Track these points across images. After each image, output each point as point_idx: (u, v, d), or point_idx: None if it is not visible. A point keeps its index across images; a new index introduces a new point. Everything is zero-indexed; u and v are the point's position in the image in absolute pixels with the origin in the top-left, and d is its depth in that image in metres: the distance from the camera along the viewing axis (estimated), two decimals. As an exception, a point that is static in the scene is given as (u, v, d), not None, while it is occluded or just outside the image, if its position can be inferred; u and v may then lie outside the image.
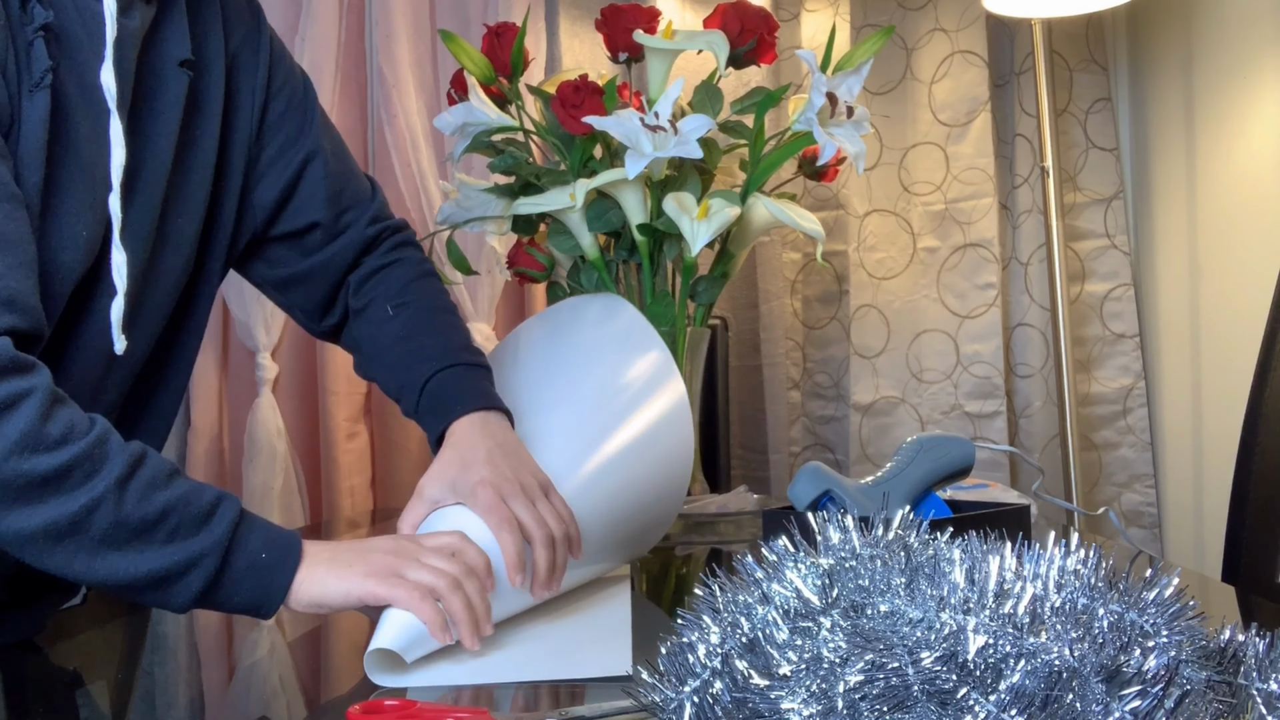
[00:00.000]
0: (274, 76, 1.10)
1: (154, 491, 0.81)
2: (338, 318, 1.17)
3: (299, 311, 1.18)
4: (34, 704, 0.87)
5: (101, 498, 0.79)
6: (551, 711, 0.72)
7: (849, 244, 2.35)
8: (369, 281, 1.15)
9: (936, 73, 2.32)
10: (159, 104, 0.97)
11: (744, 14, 1.56)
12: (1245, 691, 0.54)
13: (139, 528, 0.80)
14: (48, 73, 0.86)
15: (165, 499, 0.81)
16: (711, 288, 1.58)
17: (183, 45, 0.99)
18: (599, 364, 1.19)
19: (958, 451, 1.21)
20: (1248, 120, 2.03)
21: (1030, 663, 0.49)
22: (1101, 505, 2.25)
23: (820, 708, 0.51)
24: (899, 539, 0.61)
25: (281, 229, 1.12)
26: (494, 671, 0.87)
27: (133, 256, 0.94)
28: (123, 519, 0.80)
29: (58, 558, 0.80)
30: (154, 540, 0.81)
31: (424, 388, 1.07)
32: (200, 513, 0.83)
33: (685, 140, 1.44)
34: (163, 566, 0.81)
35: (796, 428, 2.47)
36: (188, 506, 0.82)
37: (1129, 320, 2.29)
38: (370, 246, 1.17)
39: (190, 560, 0.82)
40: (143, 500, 0.80)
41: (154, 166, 0.96)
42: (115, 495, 0.79)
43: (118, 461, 0.80)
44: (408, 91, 2.07)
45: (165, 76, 0.98)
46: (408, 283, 1.15)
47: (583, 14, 2.28)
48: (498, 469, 0.98)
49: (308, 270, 1.14)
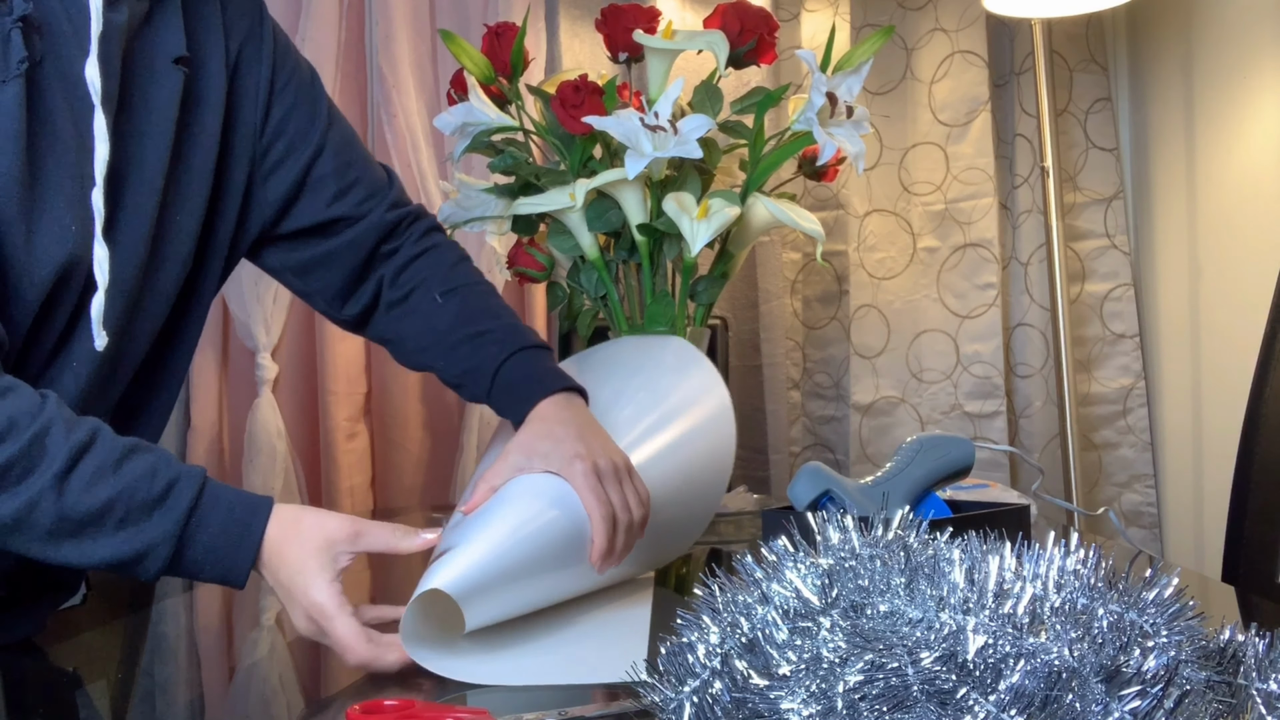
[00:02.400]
0: (278, 74, 1.10)
1: (98, 482, 0.81)
2: (361, 306, 1.16)
3: (319, 299, 1.17)
4: (34, 704, 0.87)
5: (39, 495, 0.79)
6: (551, 711, 0.72)
7: (849, 244, 2.35)
8: (406, 270, 1.15)
9: (936, 73, 2.32)
10: (152, 100, 0.97)
11: (744, 14, 1.56)
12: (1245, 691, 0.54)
13: (84, 520, 0.80)
14: (23, 63, 0.86)
15: (111, 490, 0.81)
16: (711, 288, 1.58)
17: (177, 42, 0.99)
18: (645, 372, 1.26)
19: (958, 451, 1.21)
20: (1248, 120, 2.03)
21: (1030, 663, 0.49)
22: (1101, 505, 2.25)
23: (820, 708, 0.51)
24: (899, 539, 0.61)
25: (291, 225, 1.11)
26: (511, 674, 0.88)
27: (130, 254, 0.94)
28: (65, 513, 0.80)
29: (14, 547, 0.82)
30: (103, 530, 0.81)
31: (496, 374, 1.07)
32: (150, 499, 0.82)
33: (685, 140, 1.44)
34: (115, 555, 0.82)
35: (796, 428, 2.47)
36: (134, 495, 0.81)
37: (1129, 320, 2.29)
38: (391, 232, 1.16)
39: (143, 548, 0.82)
40: (85, 493, 0.80)
41: (148, 163, 0.96)
42: (54, 491, 0.79)
43: (58, 456, 0.80)
44: (408, 91, 2.07)
45: (158, 73, 0.97)
46: (449, 268, 1.15)
47: (583, 14, 2.28)
48: (590, 446, 1.00)
49: (326, 255, 1.13)
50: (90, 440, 0.82)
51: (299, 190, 1.10)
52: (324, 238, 1.13)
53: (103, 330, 0.91)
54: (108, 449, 0.82)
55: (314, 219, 1.11)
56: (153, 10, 0.98)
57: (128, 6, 0.94)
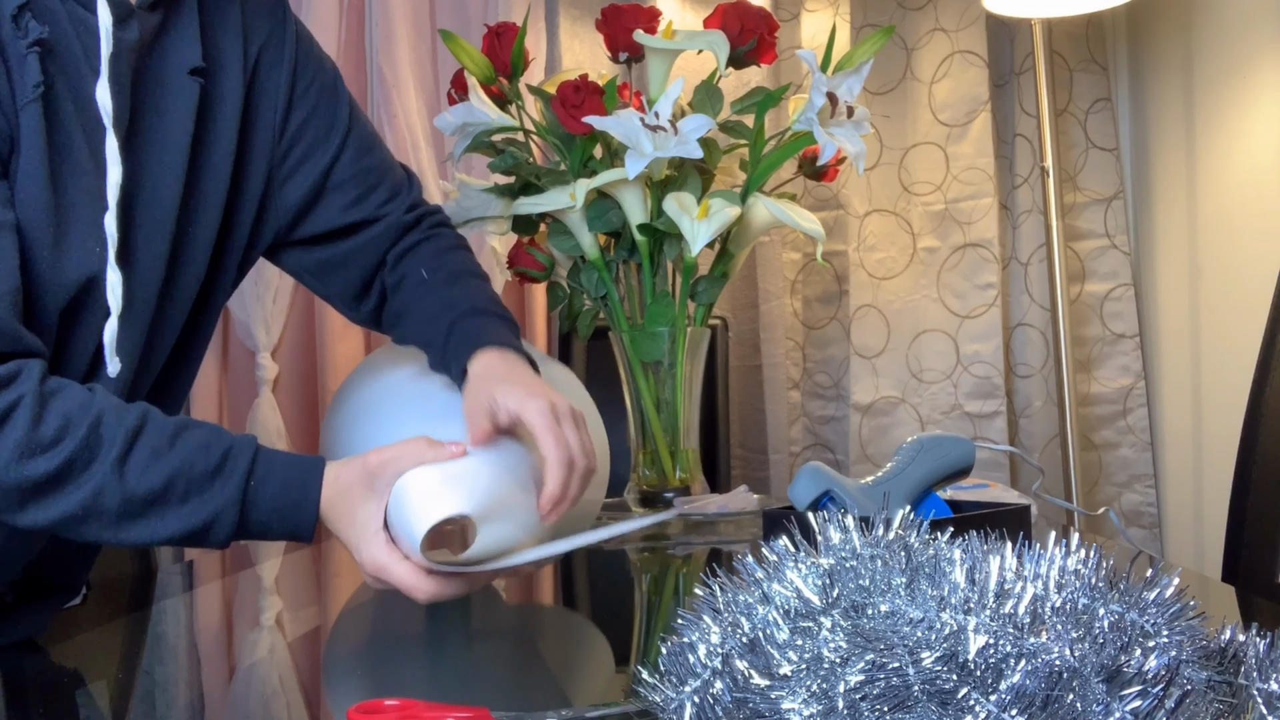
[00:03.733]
0: (299, 78, 1.08)
1: (157, 460, 0.83)
2: (375, 301, 1.16)
3: (337, 300, 1.18)
4: (34, 704, 0.87)
5: (104, 482, 0.82)
6: (551, 711, 0.72)
7: (849, 244, 2.35)
8: (405, 257, 1.15)
9: (936, 73, 2.32)
10: (168, 114, 0.95)
11: (744, 14, 1.56)
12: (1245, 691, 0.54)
13: (149, 498, 0.83)
14: (38, 86, 0.85)
15: (170, 466, 0.84)
16: (711, 288, 1.58)
17: (193, 52, 0.97)
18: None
19: (958, 451, 1.20)
20: (1248, 120, 2.03)
21: (1031, 663, 0.49)
22: (1101, 505, 2.25)
23: (820, 708, 0.51)
24: (899, 539, 0.61)
25: (307, 231, 1.11)
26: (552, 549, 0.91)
27: (149, 275, 0.94)
28: (130, 494, 0.83)
29: (88, 535, 0.84)
30: (169, 505, 0.84)
31: (450, 331, 1.07)
32: (209, 470, 0.85)
33: (685, 140, 1.44)
34: (186, 527, 0.85)
35: (796, 428, 2.47)
36: (193, 468, 0.84)
37: (1129, 320, 2.29)
38: (406, 231, 1.16)
39: (210, 517, 0.85)
40: (146, 472, 0.83)
41: (164, 181, 0.95)
42: (115, 475, 0.82)
43: (115, 441, 0.82)
44: (408, 91, 2.07)
45: (173, 85, 0.96)
46: (443, 252, 1.15)
47: (583, 14, 2.28)
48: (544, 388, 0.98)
49: (343, 256, 1.13)
50: (142, 423, 0.84)
51: (316, 196, 1.10)
52: (341, 240, 1.12)
53: (115, 356, 0.91)
54: (160, 428, 0.85)
55: (330, 224, 1.11)
56: (166, 21, 0.96)
57: (139, 22, 0.92)
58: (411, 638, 1.05)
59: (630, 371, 1.57)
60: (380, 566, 0.87)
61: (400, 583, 0.87)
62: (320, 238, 1.11)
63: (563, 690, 0.86)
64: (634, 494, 1.57)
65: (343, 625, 1.11)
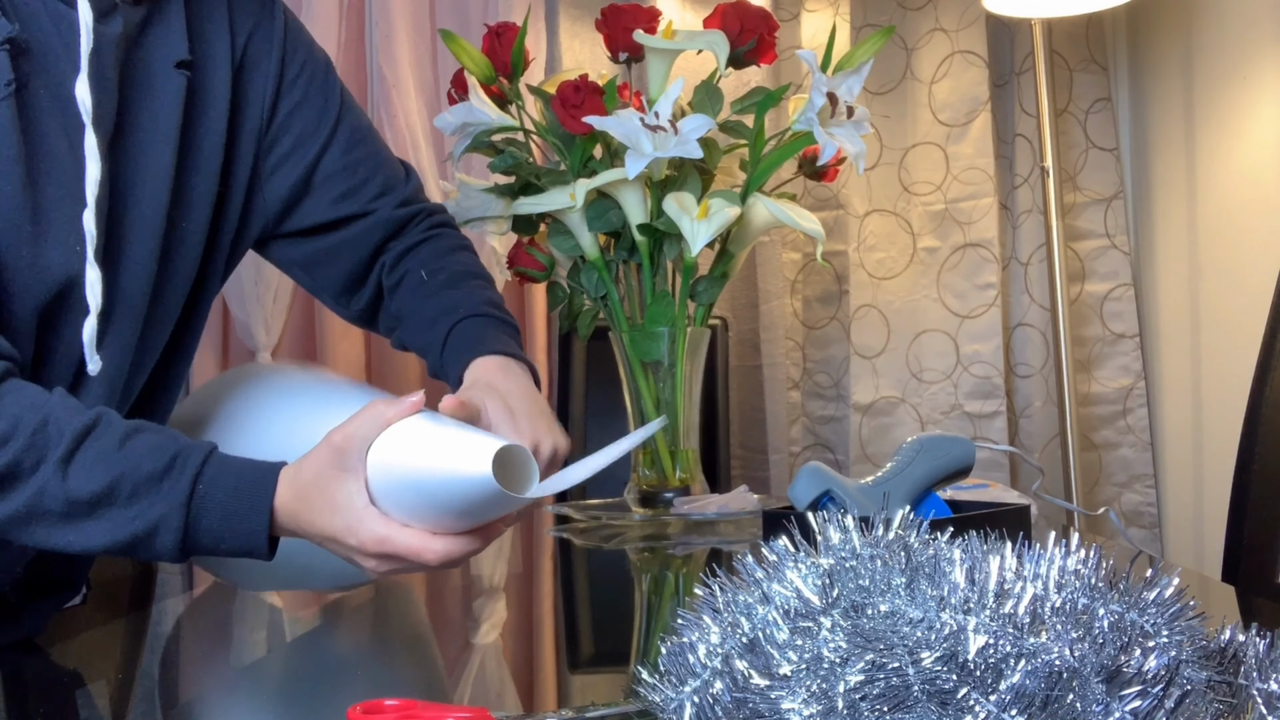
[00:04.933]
0: (288, 66, 1.06)
1: (103, 461, 0.80)
2: (367, 300, 1.14)
3: (326, 294, 1.15)
4: (34, 704, 0.87)
5: (46, 481, 0.79)
6: (551, 711, 0.72)
7: (849, 244, 2.35)
8: (405, 257, 1.12)
9: (936, 73, 2.32)
10: (155, 109, 0.94)
11: (744, 14, 1.56)
12: (1245, 692, 0.54)
13: (93, 500, 0.80)
14: (9, 84, 0.84)
15: (117, 467, 0.80)
16: (711, 288, 1.58)
17: (179, 45, 0.96)
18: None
19: (958, 451, 1.20)
20: (1248, 120, 2.03)
21: (1030, 663, 0.49)
22: (1101, 505, 2.25)
23: (820, 708, 0.51)
24: (899, 539, 0.61)
25: (295, 225, 1.09)
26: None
27: (139, 271, 0.93)
28: (73, 495, 0.79)
29: (35, 538, 0.81)
30: (114, 508, 0.80)
31: (448, 336, 1.04)
32: (156, 471, 0.81)
33: (685, 140, 1.44)
34: (130, 532, 0.80)
35: (796, 428, 2.47)
36: (139, 470, 0.80)
37: (1129, 320, 2.29)
38: (401, 228, 1.13)
39: (155, 520, 0.81)
40: (90, 473, 0.79)
41: (153, 177, 0.94)
42: (59, 475, 0.79)
43: (62, 440, 0.79)
44: (408, 91, 2.07)
45: (159, 80, 0.95)
46: (444, 253, 1.13)
47: (583, 14, 2.28)
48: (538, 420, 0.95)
49: (331, 249, 1.11)
50: (94, 423, 0.81)
51: (305, 188, 1.08)
52: (330, 233, 1.10)
53: (96, 355, 0.89)
54: (111, 431, 0.81)
55: (319, 218, 1.09)
56: (151, 15, 0.95)
57: (122, 16, 0.91)
58: (411, 638, 1.05)
59: (630, 371, 1.57)
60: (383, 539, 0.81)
61: (407, 550, 0.81)
62: (309, 231, 1.09)
63: (563, 690, 0.86)
64: (634, 494, 1.57)
65: (343, 625, 1.11)
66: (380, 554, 0.82)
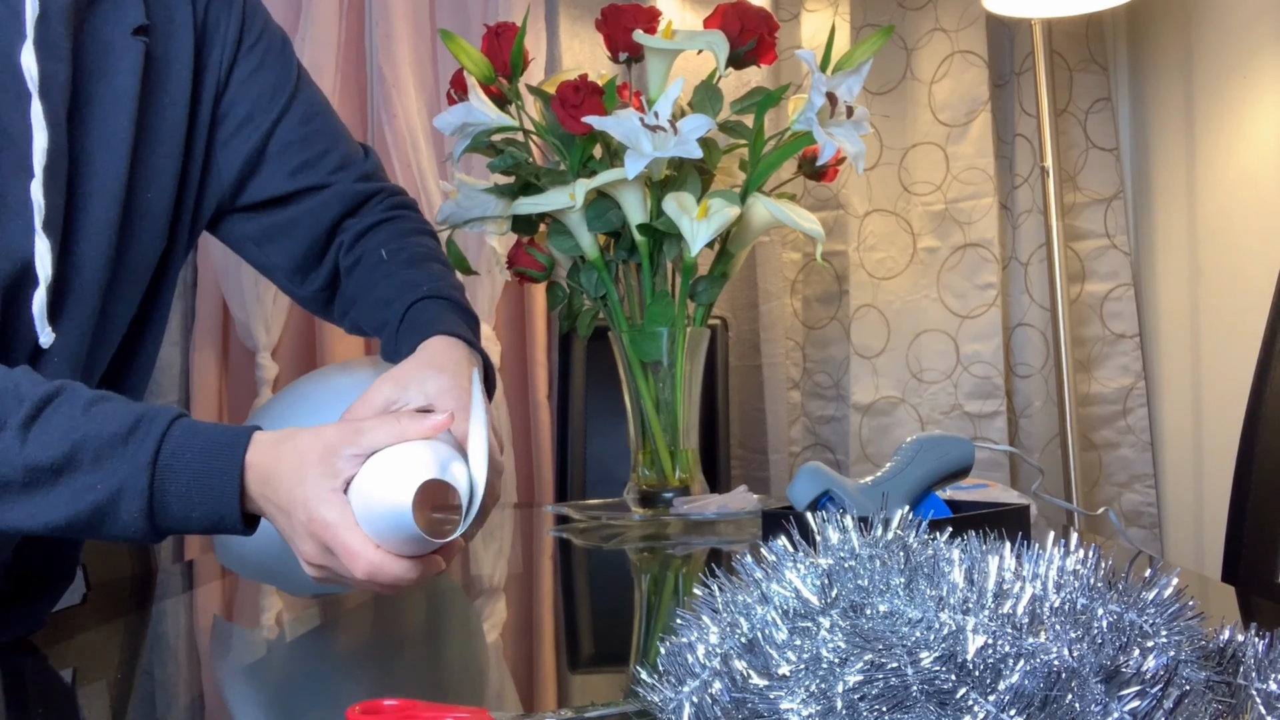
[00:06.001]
0: (246, 33, 1.04)
1: (66, 425, 0.76)
2: (323, 280, 1.09)
3: (279, 273, 1.10)
4: (34, 704, 0.87)
5: (6, 448, 0.75)
6: (551, 711, 0.72)
7: (849, 244, 2.35)
8: (364, 237, 1.08)
9: (936, 73, 2.32)
10: (111, 78, 0.92)
11: (744, 14, 1.56)
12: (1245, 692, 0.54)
13: (54, 466, 0.76)
14: None
15: (79, 430, 0.76)
16: (711, 288, 1.58)
17: (135, 11, 0.94)
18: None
19: (958, 451, 1.21)
20: (1248, 120, 2.03)
21: (1029, 663, 0.49)
22: (1101, 505, 2.25)
23: (819, 708, 0.51)
24: (898, 539, 0.61)
25: (250, 199, 1.05)
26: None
27: (98, 243, 0.91)
28: (32, 462, 0.76)
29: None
30: (77, 475, 0.76)
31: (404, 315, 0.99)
32: (120, 433, 0.77)
33: (685, 140, 1.44)
34: (91, 501, 0.76)
35: (796, 428, 2.47)
36: (102, 433, 0.76)
37: (1129, 320, 2.29)
38: (359, 206, 1.09)
39: (118, 485, 0.76)
40: (51, 437, 0.76)
41: (111, 146, 0.92)
42: (19, 440, 0.76)
43: (23, 406, 0.76)
44: (408, 91, 2.07)
45: (115, 48, 0.93)
46: (404, 234, 1.08)
47: (583, 14, 2.28)
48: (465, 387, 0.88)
49: (287, 223, 1.06)
50: (57, 391, 0.78)
51: (259, 158, 1.04)
52: (285, 205, 1.06)
53: (48, 327, 0.87)
54: (77, 398, 0.78)
55: (276, 190, 1.05)
56: None
57: None
58: (411, 638, 1.05)
59: (630, 371, 1.58)
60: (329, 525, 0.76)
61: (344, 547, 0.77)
62: (265, 204, 1.06)
63: (563, 690, 0.86)
64: (634, 494, 1.57)
65: (343, 625, 1.11)
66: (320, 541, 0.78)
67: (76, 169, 0.90)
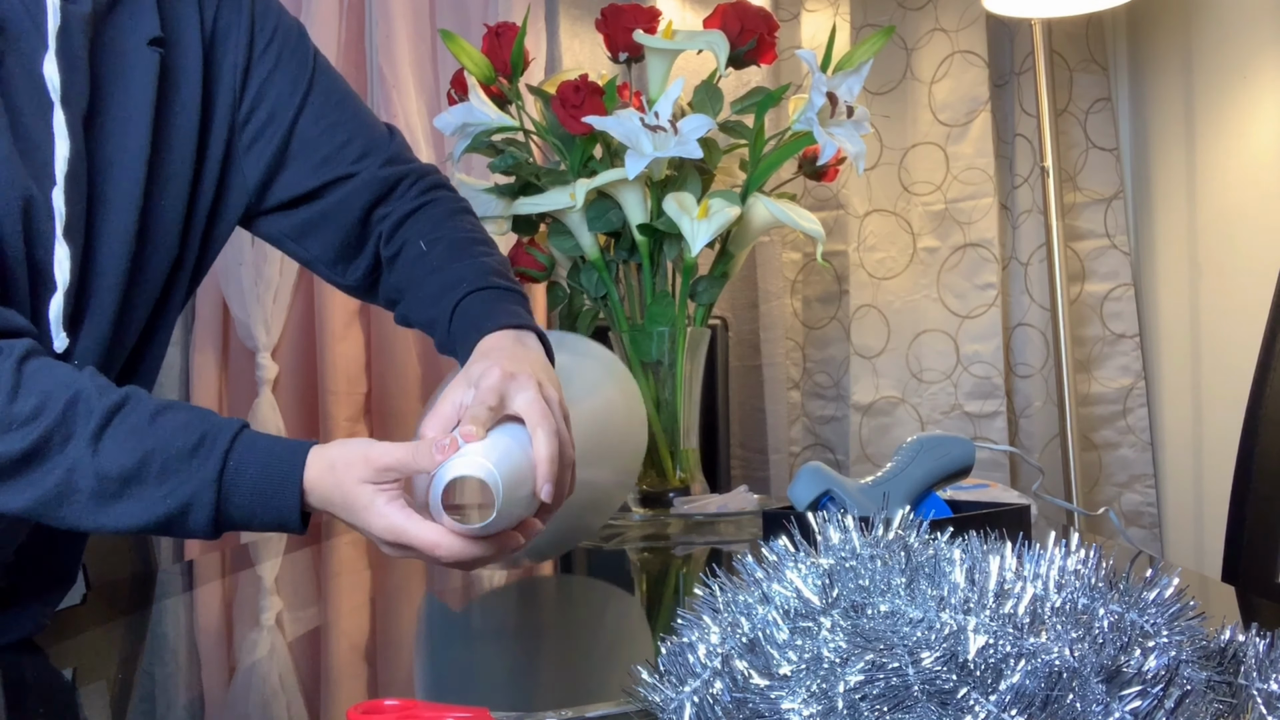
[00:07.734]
0: (258, 36, 1.05)
1: (134, 437, 0.80)
2: (363, 270, 1.10)
3: (320, 265, 1.12)
4: (34, 704, 0.87)
5: (78, 458, 0.78)
6: (551, 711, 0.72)
7: (849, 244, 2.35)
8: (402, 226, 1.09)
9: (936, 73, 2.32)
10: (129, 87, 0.94)
11: (744, 14, 1.57)
12: (1245, 691, 0.54)
13: (124, 478, 0.79)
14: None
15: (147, 444, 0.80)
16: (711, 288, 1.58)
17: (151, 22, 0.95)
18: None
19: (958, 451, 1.21)
20: (1248, 120, 2.03)
21: (1030, 663, 0.49)
22: (1101, 505, 2.25)
23: (820, 708, 0.51)
24: (899, 539, 0.61)
25: (278, 198, 1.06)
26: None
27: (116, 250, 0.92)
28: (104, 472, 0.79)
29: (68, 519, 0.81)
30: (145, 486, 0.80)
31: (455, 310, 1.01)
32: (186, 448, 0.80)
33: (685, 140, 1.44)
34: (163, 511, 0.80)
35: (796, 428, 2.47)
36: (169, 446, 0.80)
37: (1129, 320, 2.29)
38: (390, 191, 1.10)
39: (187, 498, 0.80)
40: (121, 450, 0.79)
41: (128, 154, 0.93)
42: (90, 451, 0.79)
43: (94, 417, 0.79)
44: (408, 91, 2.07)
45: (132, 58, 0.94)
46: (441, 219, 1.09)
47: (583, 14, 2.28)
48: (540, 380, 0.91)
49: (319, 217, 1.07)
50: (124, 401, 0.81)
51: (282, 158, 1.05)
52: (315, 200, 1.07)
53: (63, 331, 0.89)
54: (142, 407, 0.81)
55: (301, 187, 1.06)
56: None
57: None
58: (411, 638, 1.05)
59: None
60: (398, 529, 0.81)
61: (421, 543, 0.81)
62: (294, 201, 1.07)
63: (563, 690, 0.86)
64: (634, 494, 1.57)
65: (343, 625, 1.11)
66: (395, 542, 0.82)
67: (95, 177, 0.91)
